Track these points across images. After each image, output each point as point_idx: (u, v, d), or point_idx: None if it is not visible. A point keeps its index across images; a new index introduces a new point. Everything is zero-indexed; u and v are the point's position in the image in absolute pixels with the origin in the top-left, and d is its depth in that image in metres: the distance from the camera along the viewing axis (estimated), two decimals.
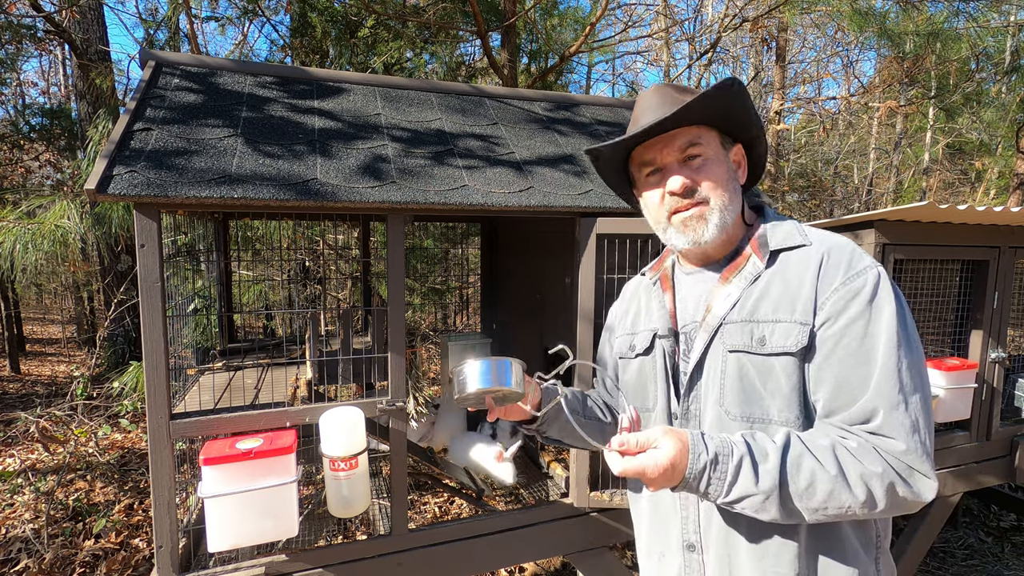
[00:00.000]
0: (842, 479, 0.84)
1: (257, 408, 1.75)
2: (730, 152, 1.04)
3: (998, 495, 3.35)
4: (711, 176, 1.00)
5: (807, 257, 0.95)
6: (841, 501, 0.84)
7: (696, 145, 1.00)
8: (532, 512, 2.05)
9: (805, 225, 1.03)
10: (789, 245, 0.98)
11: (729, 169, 1.02)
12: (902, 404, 0.86)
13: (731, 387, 0.96)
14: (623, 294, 1.29)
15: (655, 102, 1.03)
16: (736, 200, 1.02)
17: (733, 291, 0.99)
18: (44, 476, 3.67)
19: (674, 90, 1.03)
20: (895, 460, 0.85)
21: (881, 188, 11.28)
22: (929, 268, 2.47)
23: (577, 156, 2.25)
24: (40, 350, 9.23)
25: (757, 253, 1.00)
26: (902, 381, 0.86)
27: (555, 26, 6.15)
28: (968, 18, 6.12)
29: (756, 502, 0.85)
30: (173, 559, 1.63)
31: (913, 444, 0.85)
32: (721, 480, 0.85)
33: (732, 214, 1.01)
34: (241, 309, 4.26)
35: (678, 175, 1.00)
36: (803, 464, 0.85)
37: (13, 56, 6.68)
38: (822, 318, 0.91)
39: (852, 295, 0.90)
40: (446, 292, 5.64)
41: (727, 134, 1.04)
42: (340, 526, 2.65)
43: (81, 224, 3.23)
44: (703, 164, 1.00)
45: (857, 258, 0.93)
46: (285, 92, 2.17)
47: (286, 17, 5.66)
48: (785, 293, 0.94)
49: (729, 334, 0.97)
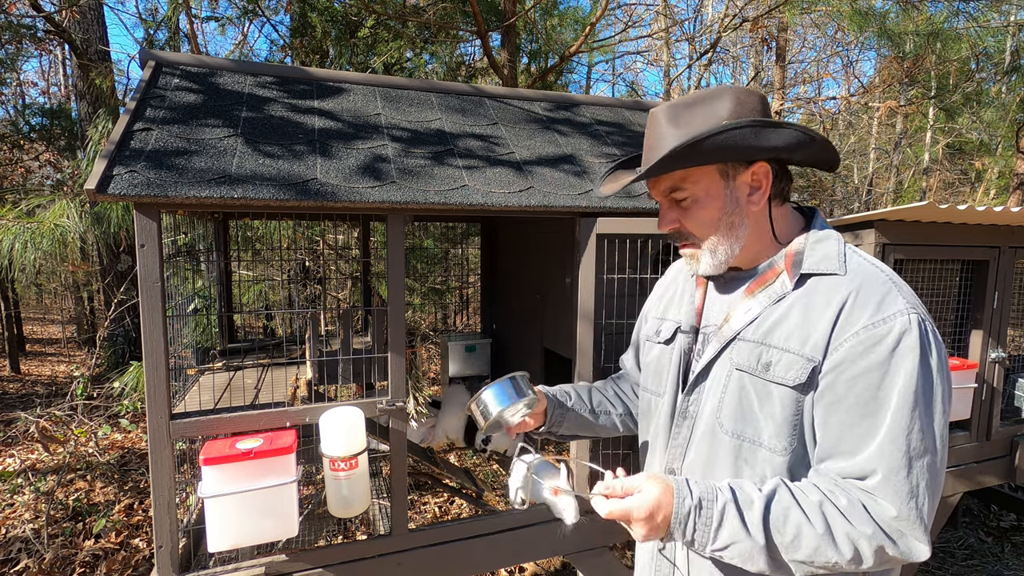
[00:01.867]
0: (829, 537, 0.82)
1: (257, 408, 1.75)
2: (738, 178, 0.96)
3: (998, 495, 3.35)
4: (697, 218, 0.98)
5: (835, 289, 0.89)
6: (827, 557, 0.82)
7: (679, 190, 0.98)
8: (532, 512, 2.05)
9: (849, 247, 0.97)
10: (822, 271, 0.92)
11: (729, 203, 0.96)
12: (904, 469, 0.82)
13: (730, 402, 0.96)
14: (667, 274, 1.29)
15: (649, 138, 1.00)
16: (739, 231, 0.97)
17: (755, 307, 0.97)
18: (44, 476, 3.67)
19: (668, 123, 0.97)
20: (886, 524, 0.82)
21: (881, 188, 11.28)
22: (929, 268, 2.46)
23: (577, 156, 2.25)
24: (40, 350, 9.23)
25: (788, 272, 0.95)
26: (910, 443, 0.82)
27: (555, 26, 6.15)
28: (968, 18, 6.12)
29: (743, 550, 0.84)
30: (173, 559, 1.63)
31: (907, 511, 0.81)
32: (707, 526, 0.85)
33: (733, 247, 0.98)
34: (241, 309, 4.26)
35: (665, 217, 1.02)
36: (790, 516, 0.83)
37: (13, 56, 6.68)
38: (834, 360, 0.86)
39: (873, 343, 0.84)
40: (446, 292, 5.65)
41: (735, 159, 0.96)
42: (340, 526, 2.65)
43: (80, 224, 3.22)
44: (690, 205, 0.98)
45: (889, 302, 0.86)
46: (285, 92, 2.17)
47: (286, 17, 5.66)
48: (803, 323, 0.90)
49: (739, 351, 0.97)
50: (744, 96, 0.95)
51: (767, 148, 0.94)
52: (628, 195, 2.05)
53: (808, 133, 0.92)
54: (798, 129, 0.92)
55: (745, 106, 0.94)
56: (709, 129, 0.88)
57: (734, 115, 0.93)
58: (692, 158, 0.92)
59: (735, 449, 0.96)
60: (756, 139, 0.92)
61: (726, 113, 0.93)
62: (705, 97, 0.96)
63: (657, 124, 0.98)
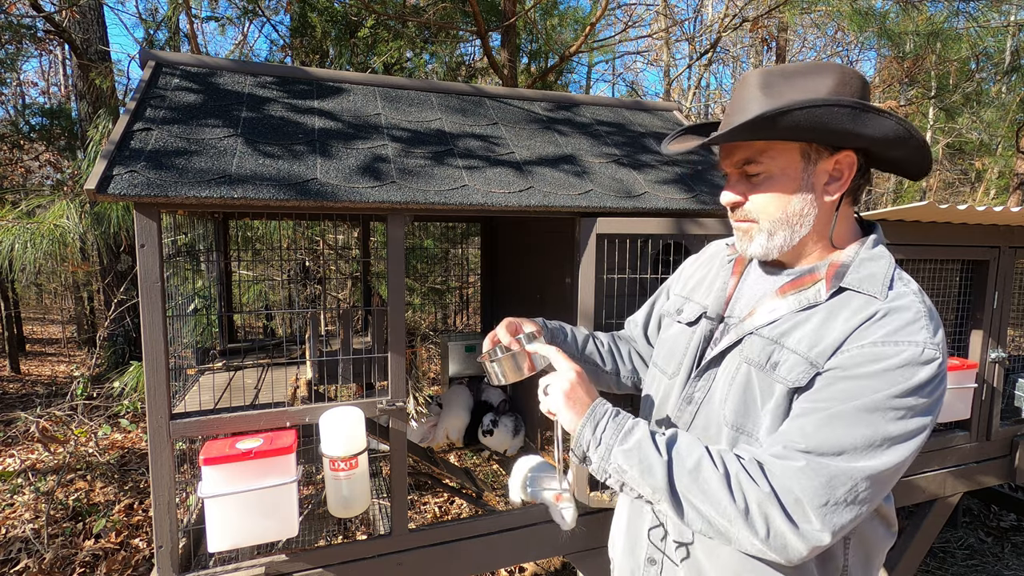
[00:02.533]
0: (725, 482, 0.81)
1: (257, 408, 1.75)
2: (819, 164, 0.90)
3: (998, 495, 3.35)
4: (765, 196, 0.92)
5: (865, 307, 0.85)
6: (724, 506, 0.80)
7: (754, 163, 0.92)
8: (532, 512, 2.05)
9: (900, 275, 0.90)
10: (862, 291, 0.87)
11: (804, 187, 0.90)
12: (829, 466, 0.78)
13: (735, 394, 0.96)
14: (702, 253, 1.26)
15: (736, 101, 0.92)
16: (804, 220, 0.92)
17: (781, 308, 0.94)
18: (44, 476, 3.67)
19: (760, 88, 0.89)
20: (785, 491, 0.79)
21: (881, 188, 11.28)
22: (929, 268, 2.46)
23: (577, 156, 2.25)
24: (40, 350, 9.23)
25: (828, 282, 0.90)
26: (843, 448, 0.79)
27: (555, 26, 6.15)
28: (968, 18, 6.12)
29: (645, 462, 0.84)
30: (173, 559, 1.63)
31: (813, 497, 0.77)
32: (619, 429, 0.88)
33: (792, 236, 0.93)
34: (241, 309, 4.26)
35: (728, 190, 0.97)
36: (694, 450, 0.85)
37: (13, 56, 6.68)
38: (830, 365, 0.84)
39: (873, 358, 0.80)
40: (446, 292, 5.64)
41: (822, 141, 0.89)
42: (340, 526, 2.65)
43: (80, 224, 3.22)
44: (762, 181, 0.92)
45: (912, 330, 0.81)
46: (285, 92, 2.17)
47: (286, 17, 5.67)
48: (819, 329, 0.87)
49: (751, 346, 0.95)
50: (849, 76, 0.88)
51: (860, 136, 0.86)
52: (628, 195, 2.05)
53: (910, 129, 0.85)
54: (901, 123, 0.85)
55: (848, 87, 0.87)
56: (806, 100, 0.82)
57: (834, 94, 0.86)
58: (779, 130, 0.85)
59: (732, 441, 0.95)
60: (853, 123, 0.84)
61: (826, 91, 0.86)
62: (807, 70, 0.89)
63: (748, 87, 0.91)
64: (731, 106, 0.94)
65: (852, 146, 0.89)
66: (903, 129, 0.85)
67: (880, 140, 0.87)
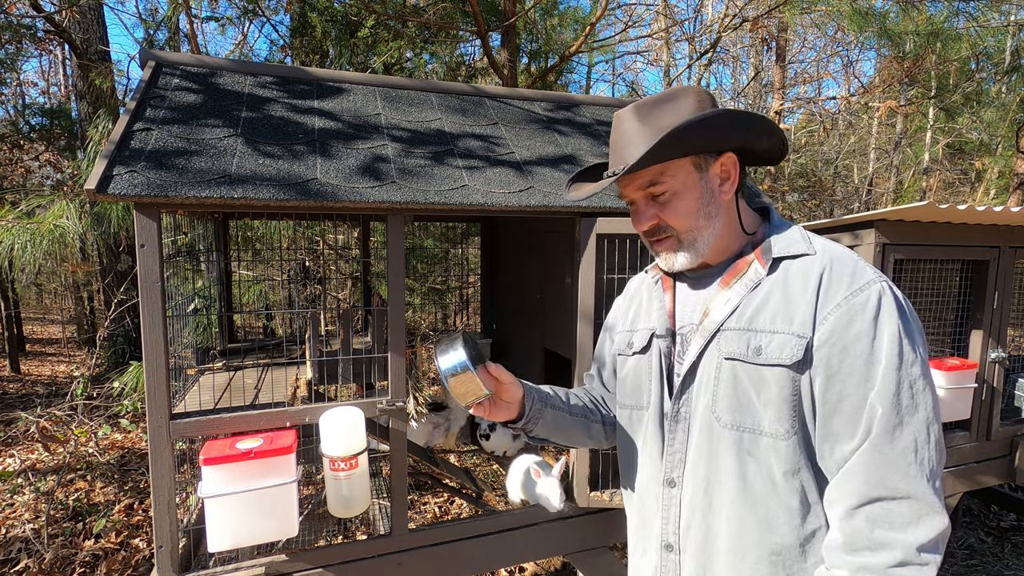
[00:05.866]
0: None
1: (257, 408, 1.75)
2: (710, 170, 1.01)
3: (998, 495, 3.35)
4: (676, 210, 1.00)
5: (809, 267, 0.95)
6: None
7: (658, 184, 1.00)
8: (532, 512, 2.05)
9: (809, 233, 1.02)
10: (792, 253, 0.97)
11: (705, 193, 1.00)
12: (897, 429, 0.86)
13: (724, 394, 0.96)
14: (626, 291, 1.29)
15: (620, 137, 1.01)
16: (715, 221, 1.01)
17: (733, 297, 0.99)
18: (44, 476, 3.67)
19: (638, 121, 0.99)
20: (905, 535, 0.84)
21: (881, 188, 11.28)
22: (929, 268, 2.47)
23: (577, 156, 2.25)
24: (40, 350, 9.23)
25: (760, 260, 0.99)
26: (901, 402, 0.87)
27: (555, 26, 6.15)
28: (968, 18, 6.13)
29: None
30: (173, 559, 1.63)
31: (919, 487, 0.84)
32: None
33: (710, 237, 1.01)
34: (241, 309, 4.26)
35: (643, 214, 1.03)
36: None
37: (13, 56, 6.68)
38: (823, 334, 0.90)
39: (856, 311, 0.89)
40: (446, 292, 5.65)
41: (708, 150, 1.00)
42: (340, 526, 2.65)
43: (80, 224, 3.23)
44: (669, 199, 1.00)
45: (859, 273, 0.92)
46: (285, 92, 2.17)
47: (286, 17, 5.67)
48: (785, 303, 0.94)
49: (726, 341, 0.97)
50: (702, 93, 1.00)
51: (735, 138, 1.00)
52: None
53: (769, 121, 0.99)
54: (762, 118, 0.99)
55: (705, 103, 0.99)
56: (690, 119, 0.91)
57: (697, 111, 0.97)
58: (673, 149, 0.95)
59: (736, 442, 0.95)
60: (730, 128, 0.97)
61: (690, 109, 0.97)
62: (668, 96, 1.00)
63: (626, 123, 1.01)
64: (617, 144, 1.03)
65: (731, 147, 1.01)
66: (765, 123, 0.99)
67: (753, 135, 1.00)
